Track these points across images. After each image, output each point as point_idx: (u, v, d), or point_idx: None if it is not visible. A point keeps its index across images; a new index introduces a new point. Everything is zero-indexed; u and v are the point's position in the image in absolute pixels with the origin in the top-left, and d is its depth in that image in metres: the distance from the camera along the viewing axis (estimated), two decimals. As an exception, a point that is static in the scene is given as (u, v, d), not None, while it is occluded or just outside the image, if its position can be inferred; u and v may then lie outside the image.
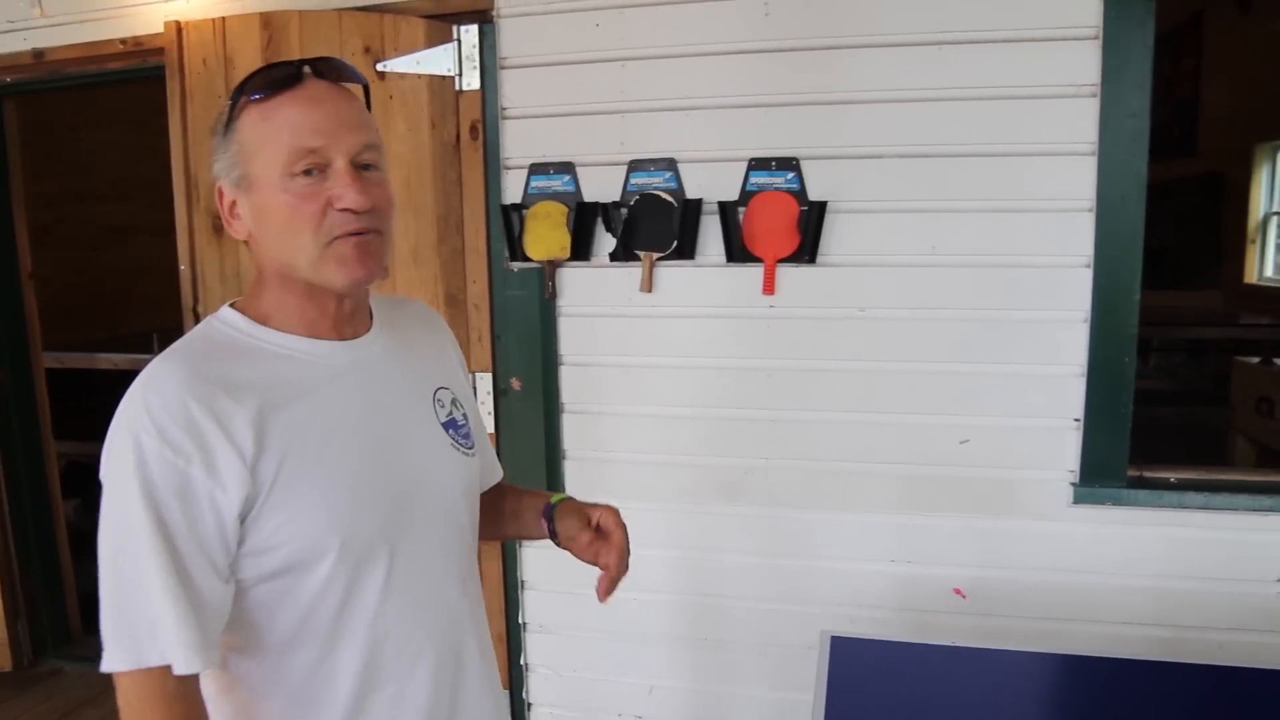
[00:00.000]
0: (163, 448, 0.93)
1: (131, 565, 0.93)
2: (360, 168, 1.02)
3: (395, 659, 1.07)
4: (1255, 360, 3.88)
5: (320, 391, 1.04)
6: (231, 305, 1.09)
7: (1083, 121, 2.11)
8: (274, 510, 0.98)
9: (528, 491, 1.38)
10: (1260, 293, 6.07)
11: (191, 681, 0.96)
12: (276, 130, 1.00)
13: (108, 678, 0.93)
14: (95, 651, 0.95)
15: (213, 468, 0.94)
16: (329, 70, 1.04)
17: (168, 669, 0.92)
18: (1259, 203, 6.15)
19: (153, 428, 0.93)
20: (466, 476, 1.19)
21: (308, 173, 0.99)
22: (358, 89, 1.08)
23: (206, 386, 0.96)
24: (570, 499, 1.32)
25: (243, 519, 0.97)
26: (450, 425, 1.18)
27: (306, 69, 1.03)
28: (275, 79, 1.02)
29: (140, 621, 0.93)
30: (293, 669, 1.03)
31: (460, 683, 1.15)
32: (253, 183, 1.02)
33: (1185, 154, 6.74)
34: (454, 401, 1.21)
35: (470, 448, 1.20)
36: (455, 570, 1.16)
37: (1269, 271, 6.12)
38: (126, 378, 0.99)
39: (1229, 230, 6.40)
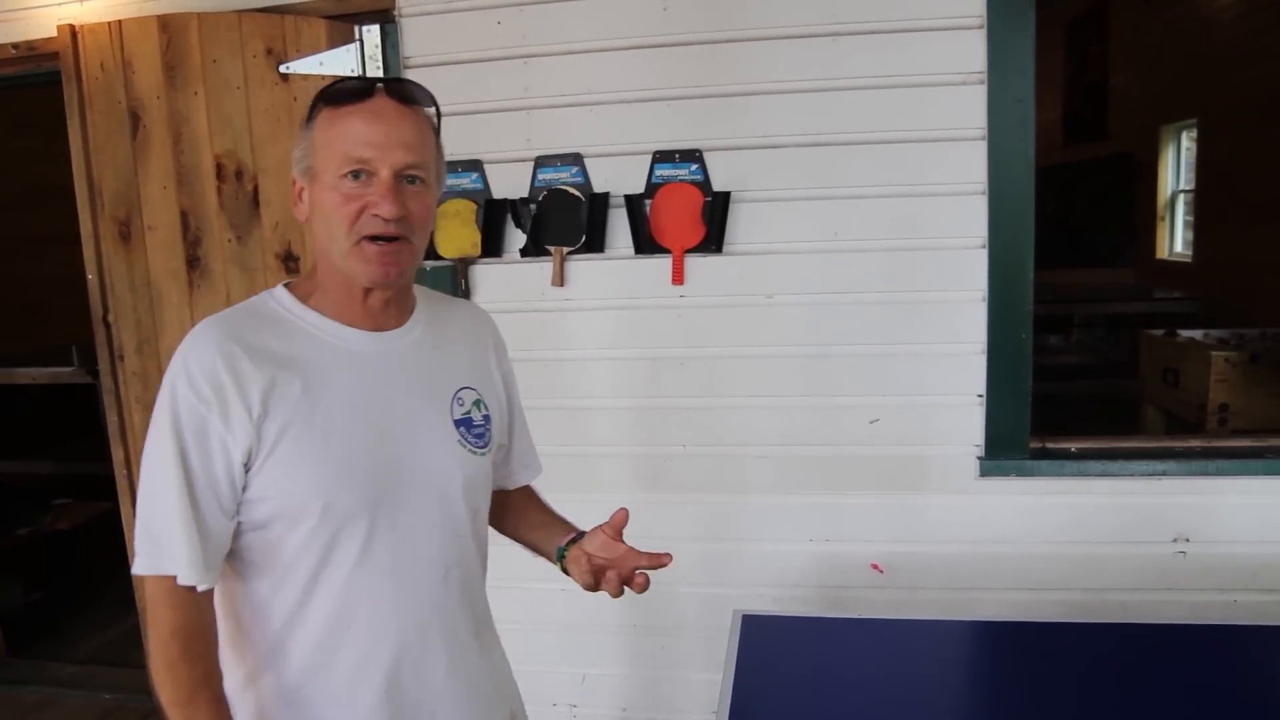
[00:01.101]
0: (190, 394, 1.10)
1: (159, 486, 1.11)
2: (404, 180, 1.14)
3: (364, 625, 1.18)
4: (1161, 333, 4.04)
5: (337, 372, 1.18)
6: (285, 284, 1.24)
7: (972, 108, 2.18)
8: (272, 467, 1.12)
9: (556, 520, 1.45)
10: (1171, 268, 6.31)
11: (195, 592, 1.11)
12: (339, 135, 1.14)
13: (32, 701, 1.07)
14: (21, 674, 1.00)
15: (227, 418, 1.10)
16: (398, 91, 1.18)
17: (174, 577, 1.10)
18: (1167, 182, 6.39)
19: (184, 377, 1.11)
20: (470, 473, 1.27)
21: (356, 176, 1.13)
22: (430, 111, 1.21)
23: (234, 349, 1.12)
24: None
25: (246, 468, 1.12)
26: (464, 423, 1.27)
27: (379, 85, 1.17)
28: (348, 90, 1.16)
29: (160, 535, 1.10)
30: (275, 608, 1.16)
31: (429, 666, 1.23)
32: (314, 175, 1.16)
33: (1097, 136, 6.97)
34: (476, 403, 1.30)
35: (481, 448, 1.29)
36: (439, 557, 1.24)
37: (1178, 247, 6.37)
38: (46, 392, 1.03)
39: (1141, 209, 6.63)
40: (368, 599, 1.17)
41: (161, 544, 1.10)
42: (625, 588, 1.26)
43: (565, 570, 1.34)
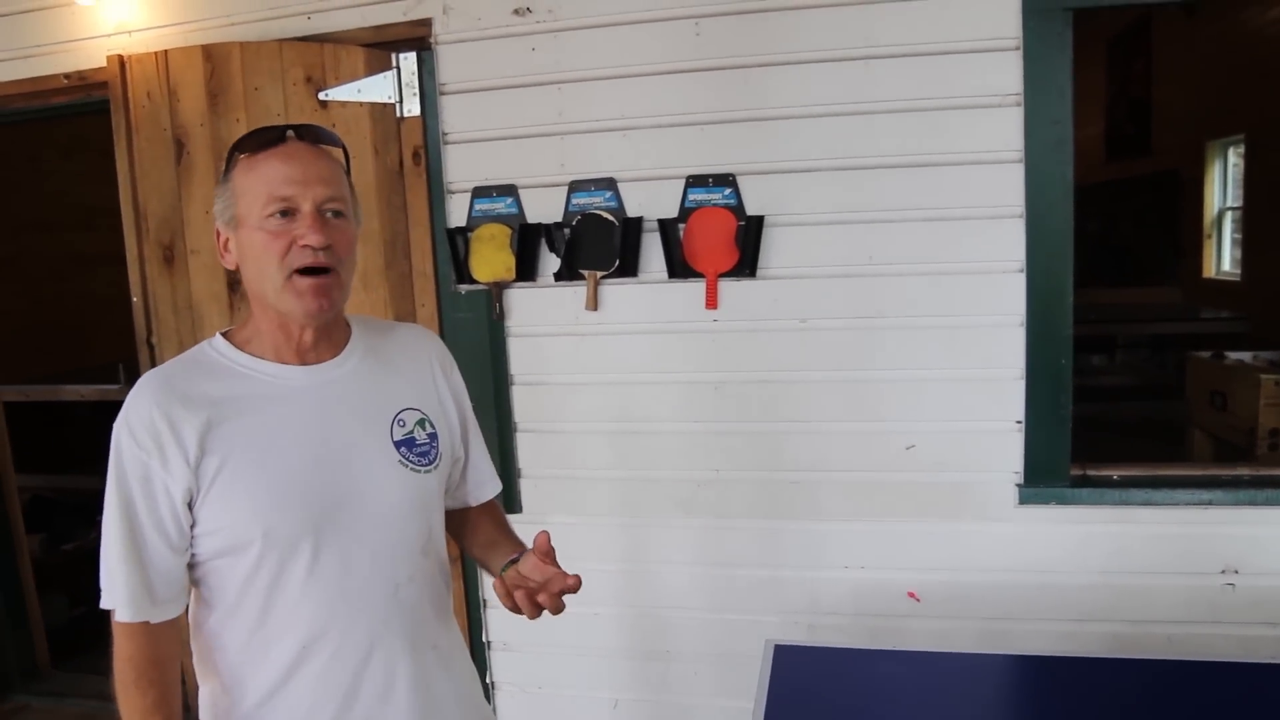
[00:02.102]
0: (132, 444, 1.19)
1: (107, 531, 1.21)
2: (326, 214, 1.21)
3: (319, 642, 1.24)
4: (1208, 355, 3.94)
5: (271, 408, 1.24)
6: (223, 332, 1.31)
7: (1009, 130, 2.15)
8: (213, 500, 1.20)
9: (506, 539, 1.45)
10: (1218, 287, 6.17)
11: (148, 625, 1.20)
12: (258, 180, 1.21)
13: (74, 714, 1.18)
14: (64, 687, 1.08)
15: (166, 463, 1.18)
16: (308, 134, 1.27)
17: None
18: (1213, 199, 6.26)
19: (127, 428, 1.20)
20: (414, 491, 1.32)
21: (282, 215, 1.20)
22: (338, 152, 1.30)
23: (169, 398, 1.20)
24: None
25: (190, 506, 1.20)
26: (406, 444, 1.32)
27: (290, 132, 1.25)
28: (263, 138, 1.25)
29: (108, 575, 1.20)
30: (236, 630, 1.25)
31: (387, 684, 1.28)
32: (239, 222, 1.23)
33: (1140, 153, 6.85)
34: (420, 422, 1.34)
35: (425, 466, 1.33)
36: (387, 575, 1.29)
37: (1225, 266, 6.22)
38: (94, 409, 1.10)
39: (1186, 226, 6.50)
40: (318, 622, 1.24)
41: (108, 584, 1.20)
42: (543, 608, 1.23)
43: None
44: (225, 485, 1.19)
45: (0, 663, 3.32)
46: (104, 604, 1.21)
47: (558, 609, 1.22)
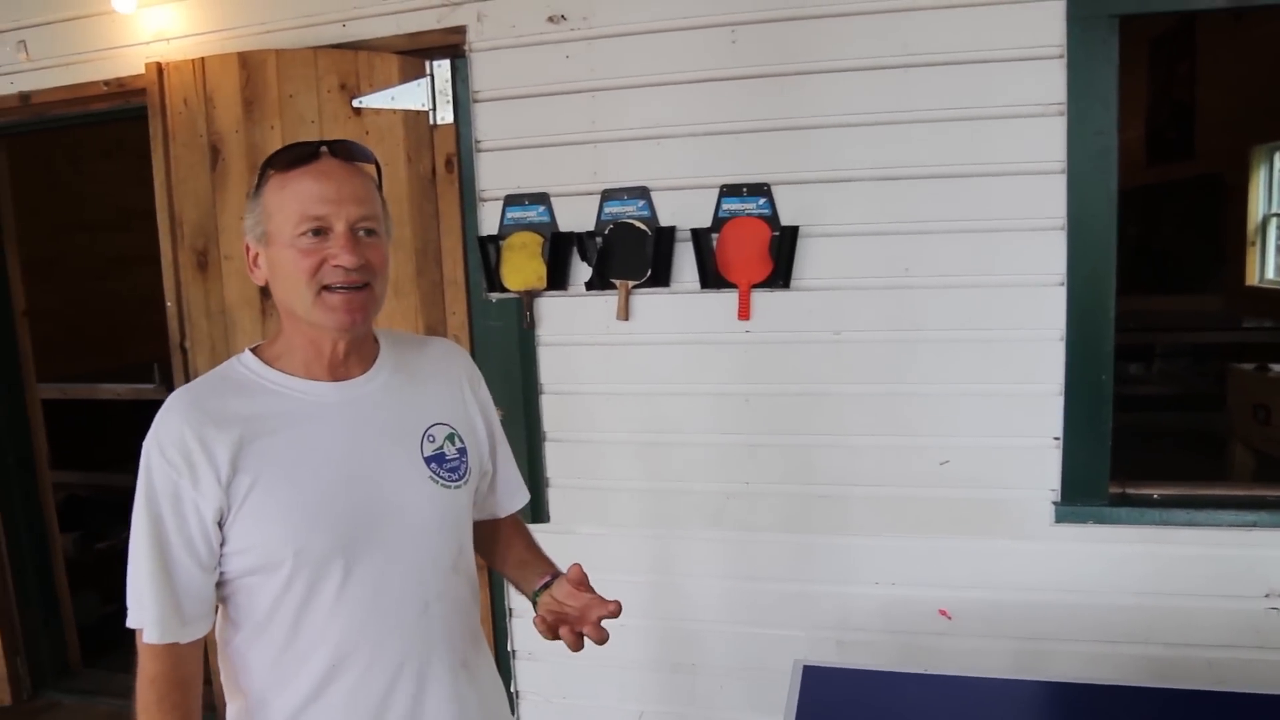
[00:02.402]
0: (162, 462, 1.18)
1: (136, 550, 1.19)
2: (359, 233, 1.20)
3: (349, 659, 1.23)
4: (1251, 367, 3.85)
5: (302, 425, 1.23)
6: (253, 348, 1.30)
7: (1051, 140, 2.11)
8: (244, 521, 1.19)
9: (537, 559, 1.45)
10: (1262, 295, 6.03)
11: (174, 645, 1.18)
12: (291, 198, 1.20)
13: (105, 712, 1.18)
14: (95, 685, 1.09)
15: (197, 482, 1.17)
16: (342, 151, 1.24)
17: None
18: (1258, 204, 6.11)
19: (156, 447, 1.18)
20: (445, 507, 1.31)
21: (314, 233, 1.19)
22: (371, 168, 1.28)
23: (200, 416, 1.19)
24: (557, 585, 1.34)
25: (220, 525, 1.19)
26: (436, 459, 1.31)
27: (323, 148, 1.23)
28: (295, 155, 1.22)
29: (136, 594, 1.19)
30: (265, 647, 1.23)
31: (417, 702, 1.27)
32: (270, 239, 1.22)
33: (1183, 157, 6.71)
34: (450, 437, 1.33)
35: (455, 481, 1.32)
36: (417, 593, 1.28)
37: (1270, 274, 6.07)
38: (130, 407, 1.10)
39: (1229, 233, 6.36)
40: (348, 641, 1.23)
41: (135, 603, 1.19)
42: (586, 638, 1.23)
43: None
44: (257, 504, 1.18)
45: (33, 660, 3.37)
46: (131, 623, 1.20)
47: (601, 639, 1.22)
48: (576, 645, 1.21)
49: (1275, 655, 2.13)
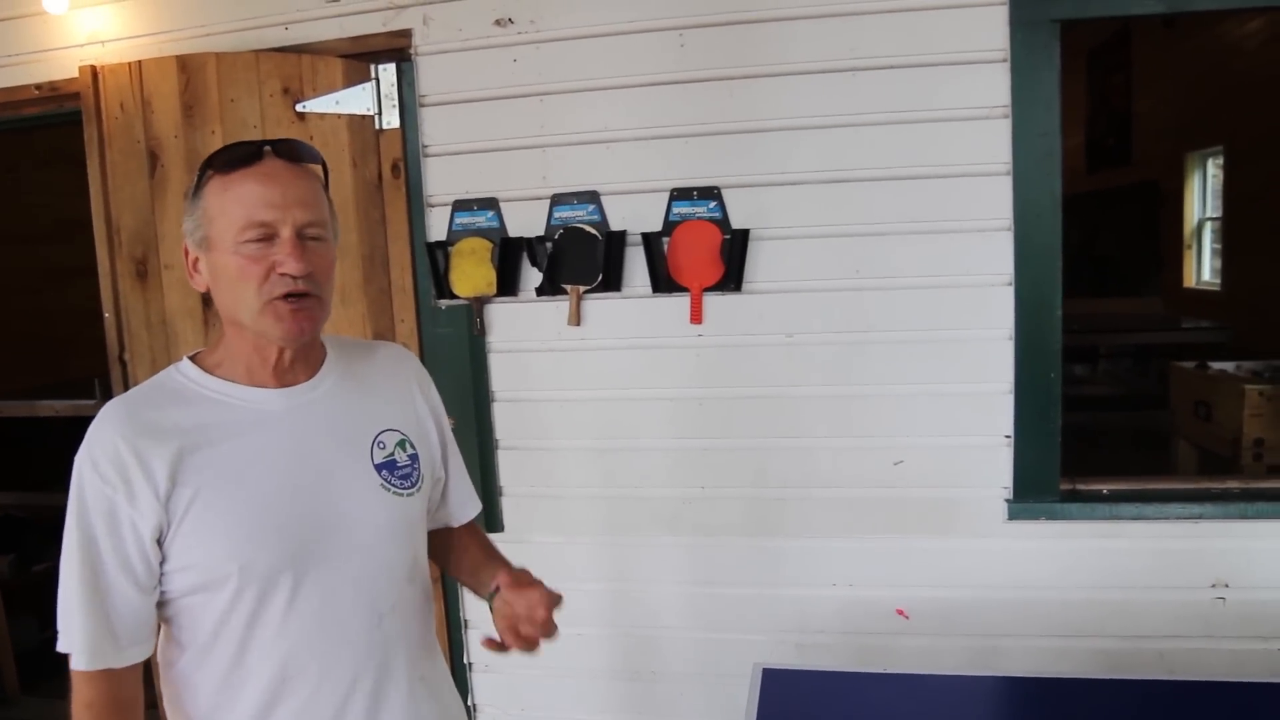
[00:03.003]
0: (95, 478, 1.11)
1: (65, 572, 1.13)
2: (305, 239, 1.15)
3: (299, 677, 1.18)
4: (1192, 365, 3.94)
5: (245, 434, 1.18)
6: (192, 355, 1.24)
7: (996, 142, 2.14)
8: (184, 537, 1.13)
9: (490, 561, 1.42)
10: (1199, 296, 6.21)
11: (107, 670, 1.12)
12: (234, 201, 1.14)
13: None
14: (33, 713, 1.03)
15: (133, 498, 1.11)
16: (287, 151, 1.18)
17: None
18: (1193, 209, 6.31)
19: (89, 462, 1.12)
20: (397, 515, 1.26)
21: (259, 240, 1.13)
22: (317, 168, 1.22)
23: (134, 428, 1.13)
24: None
25: (159, 542, 1.13)
26: (387, 467, 1.26)
27: (267, 148, 1.17)
28: (237, 156, 1.16)
29: (66, 618, 1.13)
30: (211, 668, 1.17)
31: (375, 714, 1.23)
32: (212, 244, 1.16)
33: (1121, 164, 6.90)
34: (400, 443, 1.29)
35: (408, 489, 1.27)
36: (370, 606, 1.23)
37: (1205, 276, 6.26)
38: (69, 424, 1.05)
39: (1167, 237, 6.55)
40: (299, 658, 1.18)
41: (65, 627, 1.13)
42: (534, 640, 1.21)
43: None
44: (198, 519, 1.12)
45: (-32, 688, 3.24)
46: (61, 647, 1.13)
47: (548, 631, 1.19)
48: (525, 646, 1.18)
49: (1222, 643, 2.17)
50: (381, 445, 1.27)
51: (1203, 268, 6.36)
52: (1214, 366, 3.84)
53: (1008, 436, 2.23)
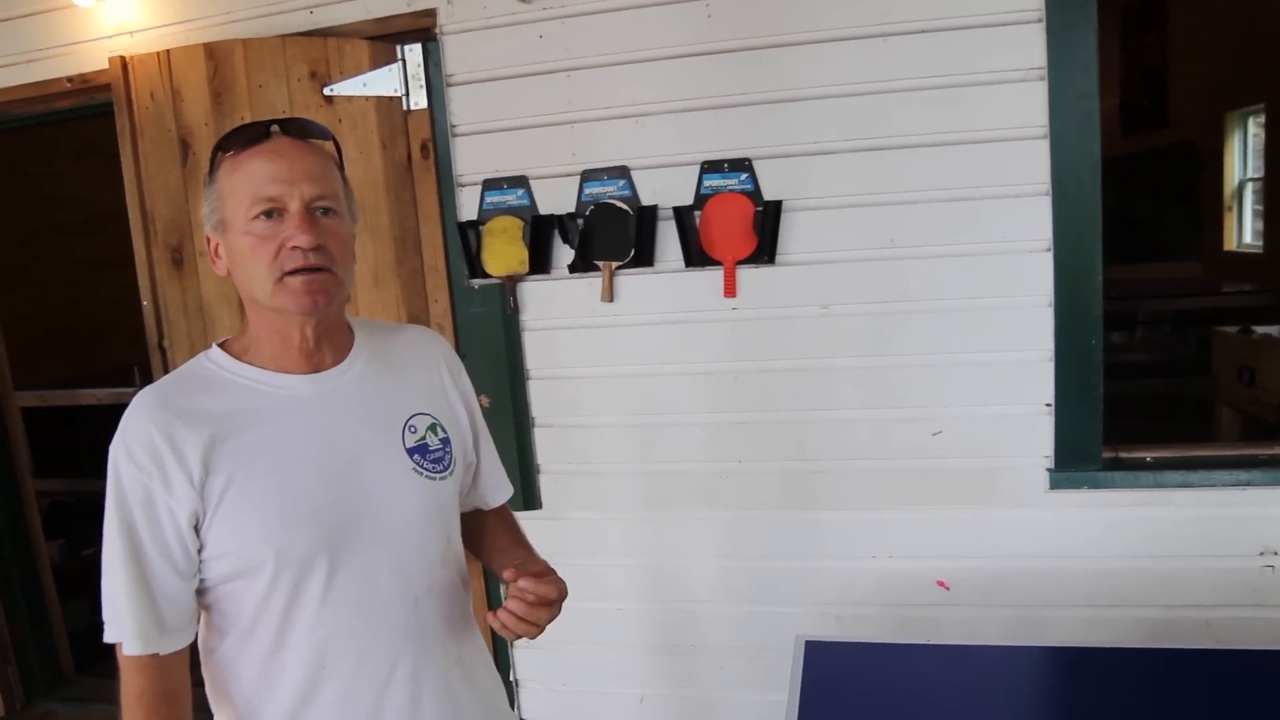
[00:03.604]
0: (131, 467, 1.12)
1: (109, 560, 1.14)
2: (316, 212, 1.15)
3: (339, 661, 1.19)
4: (1234, 330, 3.87)
5: (276, 420, 1.18)
6: (220, 342, 1.24)
7: (1033, 105, 2.09)
8: (220, 524, 1.14)
9: (514, 545, 1.44)
10: (1240, 259, 6.07)
11: (158, 657, 1.14)
12: (243, 180, 1.15)
13: (101, 715, 1.11)
14: (88, 692, 1.05)
15: (169, 485, 1.12)
16: (294, 128, 1.19)
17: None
18: (1233, 170, 6.15)
19: (124, 451, 1.13)
20: (430, 500, 1.26)
21: (268, 216, 1.13)
22: (329, 145, 1.22)
23: (168, 416, 1.14)
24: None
25: (196, 529, 1.14)
26: (419, 451, 1.26)
27: (274, 127, 1.18)
28: (245, 136, 1.17)
29: (112, 605, 1.14)
30: (252, 654, 1.19)
31: (412, 701, 1.23)
32: (226, 226, 1.17)
33: (1157, 126, 6.74)
34: (431, 427, 1.28)
35: (440, 473, 1.27)
36: (406, 589, 1.23)
37: (1247, 238, 6.12)
38: (110, 412, 1.07)
39: (1206, 199, 6.40)
40: (338, 642, 1.19)
41: (113, 616, 1.14)
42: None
43: None
44: (233, 506, 1.13)
45: (25, 670, 3.32)
46: (109, 637, 1.14)
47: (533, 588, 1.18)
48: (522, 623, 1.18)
49: (1272, 612, 2.14)
50: (413, 429, 1.27)
51: (1244, 230, 6.21)
52: (1258, 331, 3.76)
53: (1048, 405, 2.20)
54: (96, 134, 4.26)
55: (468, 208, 2.44)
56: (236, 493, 1.13)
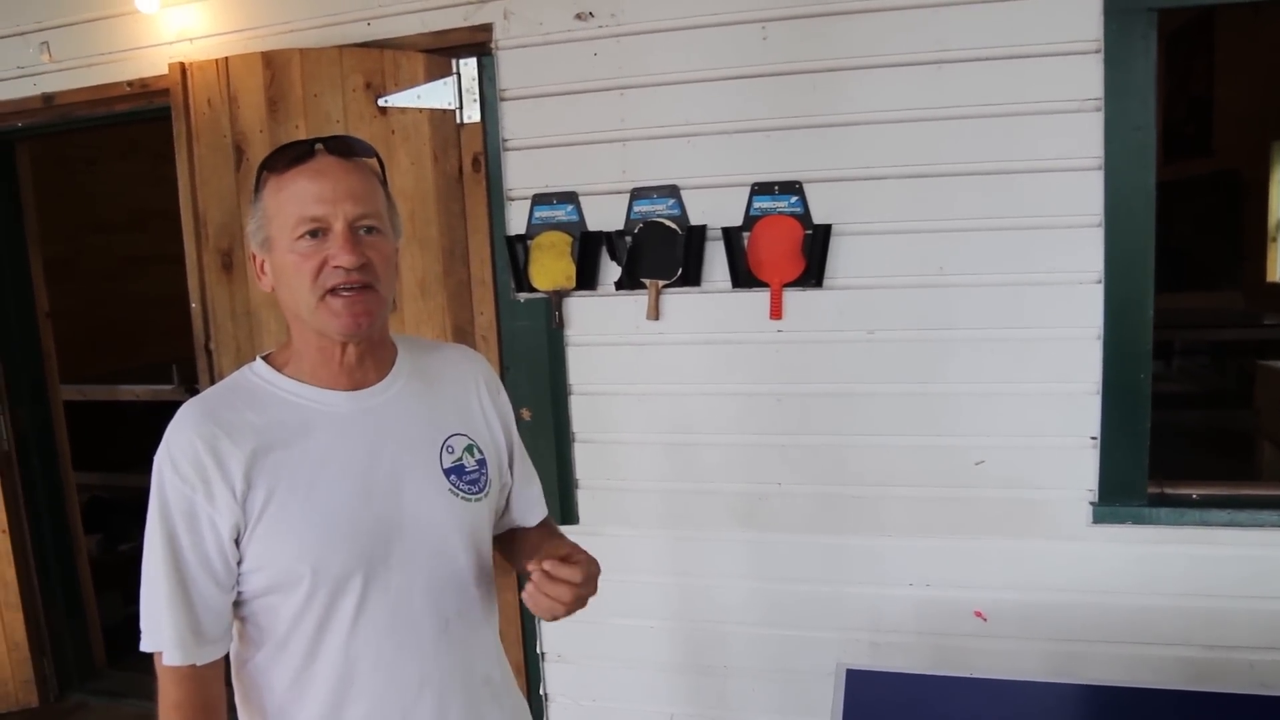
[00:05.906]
0: (175, 478, 1.14)
1: (150, 570, 1.15)
2: (360, 230, 1.16)
3: (368, 678, 1.20)
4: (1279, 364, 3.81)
5: (317, 436, 1.19)
6: (264, 355, 1.26)
7: (1088, 136, 2.08)
8: (260, 536, 1.15)
9: (543, 538, 1.41)
10: (1283, 292, 5.97)
11: (195, 668, 1.15)
12: (288, 200, 1.16)
13: (130, 713, 1.17)
14: (120, 685, 1.07)
15: (211, 497, 1.13)
16: (338, 147, 1.19)
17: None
18: (1278, 201, 6.07)
19: (169, 462, 1.14)
20: (465, 521, 1.27)
21: (312, 235, 1.15)
22: (373, 162, 1.23)
23: (212, 429, 1.15)
24: None
25: (236, 542, 1.15)
26: (455, 471, 1.27)
27: (318, 145, 1.18)
28: (290, 155, 1.18)
29: (151, 616, 1.15)
30: (283, 667, 1.20)
31: (444, 715, 1.24)
32: (272, 244, 1.18)
33: (1200, 153, 6.65)
34: (468, 448, 1.29)
35: (476, 494, 1.28)
36: (437, 610, 1.24)
37: (1291, 270, 6.02)
38: (148, 408, 1.07)
39: (1249, 229, 6.31)
40: (368, 660, 1.19)
41: (153, 625, 1.15)
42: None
43: None
44: (272, 520, 1.14)
45: (60, 662, 3.37)
46: (146, 646, 1.16)
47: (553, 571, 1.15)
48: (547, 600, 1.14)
49: (1320, 657, 2.10)
50: (450, 450, 1.27)
51: (1287, 262, 6.11)
52: (1304, 366, 3.70)
53: (1094, 438, 2.18)
54: (143, 133, 4.34)
55: (516, 222, 2.45)
56: (277, 507, 1.14)
